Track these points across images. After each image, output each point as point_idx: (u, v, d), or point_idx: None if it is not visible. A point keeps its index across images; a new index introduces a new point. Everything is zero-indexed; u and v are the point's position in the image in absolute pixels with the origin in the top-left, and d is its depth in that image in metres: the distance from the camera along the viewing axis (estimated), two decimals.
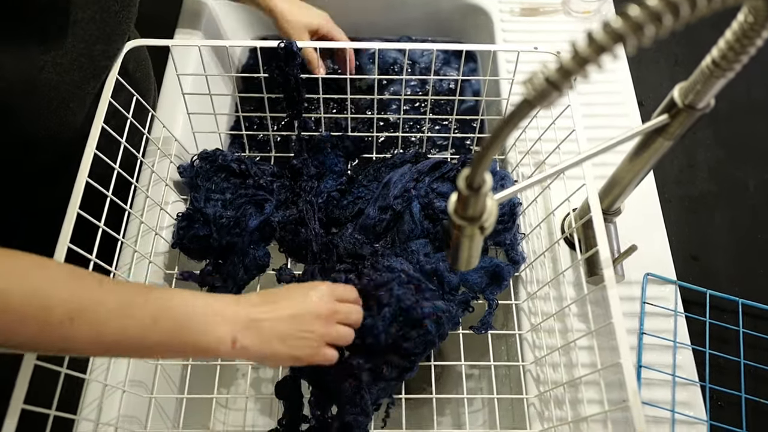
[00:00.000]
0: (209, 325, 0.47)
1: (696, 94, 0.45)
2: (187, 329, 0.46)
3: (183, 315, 0.46)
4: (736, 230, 0.78)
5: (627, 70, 0.87)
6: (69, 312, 0.41)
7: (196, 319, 0.47)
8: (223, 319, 0.48)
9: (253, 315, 0.50)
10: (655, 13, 0.27)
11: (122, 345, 0.44)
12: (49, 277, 0.42)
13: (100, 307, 0.43)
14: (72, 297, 0.42)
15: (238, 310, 0.49)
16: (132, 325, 0.44)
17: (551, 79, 0.30)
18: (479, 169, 0.36)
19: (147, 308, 0.45)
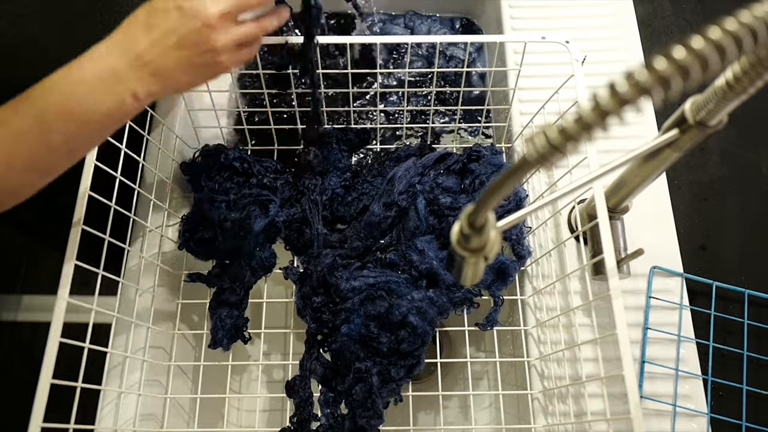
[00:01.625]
0: (98, 94, 0.44)
1: (708, 112, 0.43)
2: (79, 113, 0.44)
3: (65, 101, 0.43)
4: (746, 217, 0.77)
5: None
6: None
7: (82, 98, 0.44)
8: (112, 80, 0.44)
9: (137, 53, 0.45)
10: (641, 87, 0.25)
11: (37, 160, 0.43)
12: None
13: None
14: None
15: (119, 59, 0.44)
16: (24, 141, 0.42)
17: (553, 142, 0.29)
18: (482, 213, 0.36)
19: (27, 116, 0.43)
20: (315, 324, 0.65)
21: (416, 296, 0.62)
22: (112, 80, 0.44)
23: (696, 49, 0.26)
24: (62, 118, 0.44)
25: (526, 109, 0.80)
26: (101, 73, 0.44)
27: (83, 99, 0.44)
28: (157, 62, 0.45)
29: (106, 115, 0.45)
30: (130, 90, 0.45)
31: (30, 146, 0.43)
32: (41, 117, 0.43)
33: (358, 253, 0.69)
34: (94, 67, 0.44)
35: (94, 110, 0.44)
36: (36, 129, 0.43)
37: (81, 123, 0.44)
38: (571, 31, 0.86)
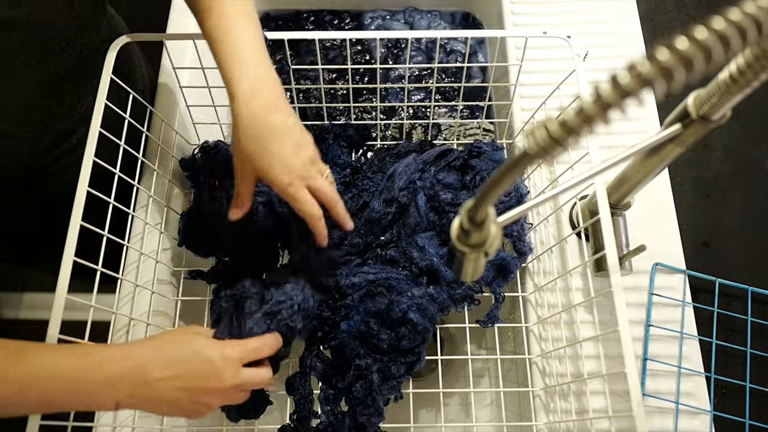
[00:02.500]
0: (84, 394, 0.45)
1: (711, 106, 0.43)
2: (57, 399, 0.45)
3: (51, 387, 0.44)
4: (749, 214, 0.76)
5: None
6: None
7: (69, 389, 0.45)
8: (105, 384, 0.45)
9: (146, 375, 0.47)
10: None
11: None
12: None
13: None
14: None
15: (126, 368, 0.46)
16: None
17: (554, 135, 0.28)
18: (482, 208, 0.35)
19: (12, 378, 0.43)
20: (315, 321, 0.64)
21: (417, 293, 0.62)
22: (106, 384, 0.45)
23: (699, 39, 0.25)
24: (45, 402, 0.45)
25: (527, 105, 0.79)
26: (104, 380, 0.45)
27: (73, 398, 0.45)
28: (158, 392, 0.47)
29: (83, 407, 0.47)
30: (117, 400, 0.46)
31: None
32: (27, 390, 0.44)
33: (358, 249, 0.69)
34: (101, 372, 0.45)
35: (77, 406, 0.47)
36: (15, 397, 0.44)
37: (57, 407, 0.45)
38: (572, 27, 0.85)
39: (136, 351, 0.48)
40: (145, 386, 0.47)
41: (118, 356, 0.47)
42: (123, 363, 0.46)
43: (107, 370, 0.45)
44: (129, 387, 0.46)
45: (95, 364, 0.46)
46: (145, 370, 0.47)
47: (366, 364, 0.61)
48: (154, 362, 0.47)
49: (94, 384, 0.45)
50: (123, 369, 0.46)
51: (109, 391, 0.45)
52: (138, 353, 0.47)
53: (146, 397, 0.47)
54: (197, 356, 0.49)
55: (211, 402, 0.50)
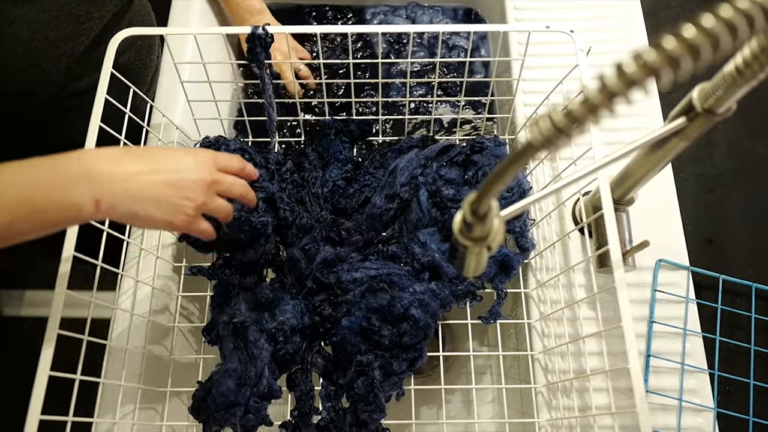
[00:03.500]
0: (63, 189, 0.43)
1: (717, 99, 0.42)
2: (37, 198, 0.42)
3: (27, 184, 0.42)
4: (753, 210, 0.76)
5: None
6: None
7: (46, 185, 0.42)
8: (84, 179, 0.43)
9: (124, 170, 0.45)
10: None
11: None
12: None
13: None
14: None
15: (104, 165, 0.44)
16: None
17: (559, 125, 0.28)
18: (485, 200, 0.35)
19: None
20: (316, 318, 0.64)
21: (418, 289, 0.62)
22: (85, 179, 0.43)
23: (707, 27, 0.25)
24: (20, 201, 0.42)
25: (529, 100, 0.79)
26: (83, 174, 0.43)
27: (49, 194, 0.43)
28: (139, 186, 0.46)
29: (62, 208, 0.43)
30: (97, 197, 0.44)
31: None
32: (1, 190, 0.41)
33: (359, 246, 0.68)
34: (80, 166, 0.44)
35: (55, 204, 0.43)
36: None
37: (33, 207, 0.42)
38: (575, 22, 0.85)
39: (111, 150, 0.46)
40: (125, 180, 0.45)
41: (98, 153, 0.45)
42: (102, 156, 0.45)
43: (86, 164, 0.44)
44: (108, 182, 0.44)
45: (73, 159, 0.44)
46: (123, 163, 0.45)
47: (367, 360, 0.60)
48: (132, 158, 0.46)
49: (72, 178, 0.43)
50: (102, 162, 0.45)
51: (88, 186, 0.43)
52: (114, 151, 0.46)
53: (127, 193, 0.45)
54: (175, 153, 0.49)
55: (194, 197, 0.49)
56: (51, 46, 0.59)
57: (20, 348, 1.57)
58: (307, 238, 0.66)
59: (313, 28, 0.65)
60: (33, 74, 0.59)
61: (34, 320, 1.59)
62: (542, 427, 0.64)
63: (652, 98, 0.79)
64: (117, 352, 0.63)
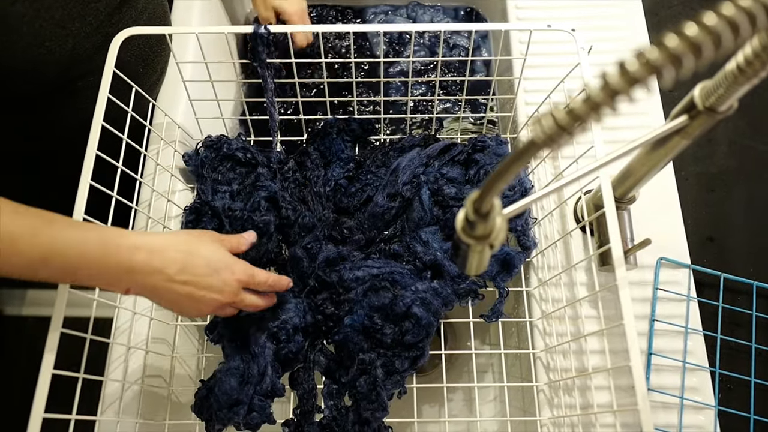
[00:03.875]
0: (104, 274, 0.48)
1: (718, 97, 0.42)
2: (78, 275, 0.47)
3: (74, 261, 0.46)
4: (754, 209, 0.76)
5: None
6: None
7: (88, 267, 0.46)
8: (124, 272, 0.48)
9: (161, 274, 0.50)
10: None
11: (13, 273, 0.44)
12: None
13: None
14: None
15: (144, 261, 0.49)
16: (18, 263, 0.43)
17: (561, 123, 0.28)
18: (487, 198, 0.35)
19: (37, 245, 0.44)
20: (319, 316, 0.64)
21: (420, 287, 0.62)
22: (125, 273, 0.48)
23: (708, 25, 0.25)
24: (60, 272, 0.46)
25: (531, 99, 0.79)
26: (122, 265, 0.48)
27: (91, 275, 0.48)
28: (166, 291, 0.51)
29: (96, 284, 0.52)
30: (128, 286, 0.50)
31: (21, 262, 0.44)
32: (46, 259, 0.45)
33: (361, 245, 0.69)
34: (123, 260, 0.48)
35: (91, 282, 0.49)
36: (38, 264, 0.45)
37: (72, 280, 0.48)
38: (576, 21, 0.85)
39: (158, 241, 0.51)
40: (154, 283, 0.50)
41: (141, 241, 0.49)
42: (145, 248, 0.49)
43: (129, 256, 0.48)
44: (141, 276, 0.49)
45: (120, 251, 0.48)
46: (161, 266, 0.50)
47: (370, 358, 0.60)
48: (171, 258, 0.50)
49: (113, 269, 0.48)
50: (144, 263, 0.49)
51: (125, 278, 0.49)
52: (160, 243, 0.51)
53: (154, 291, 0.51)
54: (209, 267, 0.53)
55: (208, 311, 0.55)
56: (57, 26, 0.59)
57: (21, 347, 1.57)
58: (309, 237, 0.67)
59: (314, 27, 0.65)
60: (38, 54, 0.59)
61: (35, 319, 1.59)
62: (544, 425, 0.64)
63: (654, 97, 0.79)
64: (119, 350, 0.63)
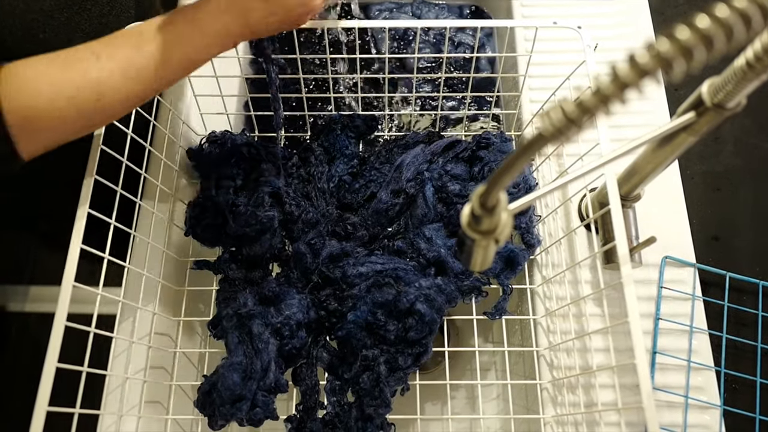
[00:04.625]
0: (214, 47, 0.54)
1: (726, 94, 0.42)
2: (195, 59, 0.53)
3: (188, 50, 0.52)
4: (760, 208, 0.75)
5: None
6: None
7: (201, 49, 0.53)
8: (225, 37, 0.53)
9: (250, 24, 0.53)
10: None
11: (145, 82, 0.50)
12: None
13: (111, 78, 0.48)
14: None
15: (236, 23, 0.53)
16: (143, 69, 0.50)
17: (570, 115, 0.28)
18: (494, 192, 0.35)
19: (150, 54, 0.50)
20: (322, 312, 0.64)
21: (424, 284, 0.62)
22: (226, 36, 0.54)
23: (720, 17, 0.25)
24: (180, 63, 0.52)
25: (536, 96, 0.79)
26: (220, 31, 0.53)
27: (202, 50, 0.53)
28: (260, 28, 0.55)
29: (211, 56, 0.55)
30: (234, 41, 0.55)
31: (144, 72, 0.50)
32: (164, 57, 0.50)
33: (364, 241, 0.68)
34: (214, 25, 0.53)
35: (206, 57, 0.54)
36: (156, 63, 0.50)
37: (191, 64, 0.54)
38: (581, 20, 0.84)
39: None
40: (252, 27, 0.54)
41: (228, 8, 0.53)
42: (232, 12, 0.53)
43: (218, 20, 0.52)
44: (241, 30, 0.54)
45: (210, 16, 0.52)
46: (250, 13, 0.53)
47: (373, 354, 0.60)
48: (260, 7, 0.53)
49: (218, 36, 0.53)
50: (232, 19, 0.53)
51: (227, 37, 0.54)
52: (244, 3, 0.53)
53: (254, 32, 0.55)
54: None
55: (297, 23, 0.57)
56: (47, 16, 0.59)
57: (25, 343, 1.58)
58: (312, 233, 0.66)
59: (319, 22, 0.65)
60: (31, 47, 0.59)
61: (38, 316, 1.59)
62: (547, 423, 0.63)
63: (659, 96, 0.79)
64: (122, 346, 0.63)
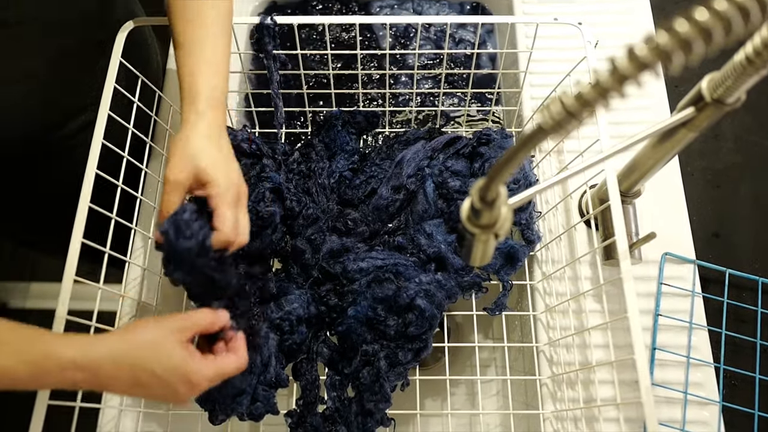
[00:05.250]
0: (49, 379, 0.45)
1: (726, 89, 0.42)
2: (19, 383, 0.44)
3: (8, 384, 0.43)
4: (760, 204, 0.75)
5: None
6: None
7: (34, 376, 0.44)
8: (63, 385, 0.45)
9: (100, 386, 0.46)
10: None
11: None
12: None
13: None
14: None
15: (81, 380, 0.45)
16: None
17: (570, 108, 0.28)
18: (493, 186, 0.35)
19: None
20: (322, 307, 0.64)
21: (424, 279, 0.62)
22: (71, 386, 0.45)
23: (719, 10, 0.25)
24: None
25: (537, 93, 0.79)
26: (64, 382, 0.44)
27: (33, 377, 0.43)
28: (116, 387, 0.46)
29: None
30: (74, 382, 0.45)
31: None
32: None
33: (365, 237, 0.69)
34: (59, 376, 0.44)
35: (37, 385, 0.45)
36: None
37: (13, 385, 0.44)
38: (582, 16, 0.84)
39: (99, 369, 0.45)
40: (103, 386, 0.47)
41: (85, 369, 0.45)
42: (87, 377, 0.45)
43: (72, 379, 0.44)
44: (89, 386, 0.46)
45: (55, 371, 0.44)
46: (108, 388, 0.47)
47: (373, 350, 0.60)
48: (118, 385, 0.46)
49: (56, 384, 0.45)
50: (86, 383, 0.45)
51: (72, 386, 0.45)
52: (102, 374, 0.45)
53: (106, 387, 0.47)
54: (165, 381, 0.47)
55: (172, 399, 0.48)
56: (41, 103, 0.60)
57: None
58: (312, 229, 0.67)
59: (320, 18, 0.65)
60: (26, 126, 0.61)
61: (39, 312, 1.60)
62: (547, 418, 0.64)
63: (660, 93, 0.79)
64: None
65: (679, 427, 0.62)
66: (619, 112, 0.77)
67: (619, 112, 0.77)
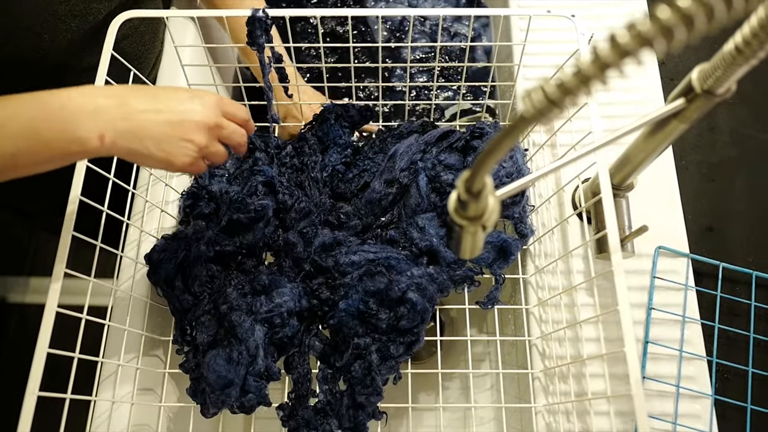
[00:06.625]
0: (68, 122, 0.43)
1: (716, 80, 0.42)
2: (43, 130, 0.43)
3: (33, 115, 0.43)
4: (755, 198, 0.75)
5: None
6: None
7: (51, 117, 0.43)
8: (89, 114, 0.44)
9: (129, 107, 0.46)
10: None
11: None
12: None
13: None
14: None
15: (110, 101, 0.45)
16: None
17: (551, 96, 0.28)
18: (478, 176, 0.35)
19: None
20: (314, 301, 0.64)
21: (416, 273, 0.62)
22: (90, 114, 0.44)
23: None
24: (25, 134, 0.43)
25: (531, 86, 0.78)
26: (88, 110, 0.44)
27: (54, 126, 0.43)
28: (142, 125, 0.46)
29: (65, 148, 0.44)
30: (100, 132, 0.44)
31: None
32: (6, 123, 0.42)
33: (357, 231, 0.68)
34: (84, 102, 0.44)
35: (60, 137, 0.43)
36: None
37: (38, 140, 0.43)
38: (576, 10, 0.84)
39: (117, 87, 0.47)
40: (129, 118, 0.46)
41: (105, 90, 0.46)
42: (108, 92, 0.45)
43: (92, 99, 0.44)
44: (113, 118, 0.45)
45: (80, 94, 0.44)
46: (129, 100, 0.46)
47: (365, 343, 0.60)
48: (136, 96, 0.46)
49: (79, 112, 0.44)
50: (108, 97, 0.45)
51: (94, 121, 0.44)
52: (119, 88, 0.47)
53: (130, 131, 0.46)
54: (181, 94, 0.49)
55: (196, 139, 0.49)
56: (57, 19, 0.59)
57: (24, 334, 1.58)
58: (305, 222, 0.67)
59: (313, 11, 0.65)
60: (34, 42, 0.60)
61: (38, 307, 1.60)
62: (539, 412, 0.64)
63: (655, 87, 0.79)
64: (115, 334, 0.63)
65: (671, 420, 0.62)
66: (614, 106, 0.77)
67: (614, 106, 0.77)
